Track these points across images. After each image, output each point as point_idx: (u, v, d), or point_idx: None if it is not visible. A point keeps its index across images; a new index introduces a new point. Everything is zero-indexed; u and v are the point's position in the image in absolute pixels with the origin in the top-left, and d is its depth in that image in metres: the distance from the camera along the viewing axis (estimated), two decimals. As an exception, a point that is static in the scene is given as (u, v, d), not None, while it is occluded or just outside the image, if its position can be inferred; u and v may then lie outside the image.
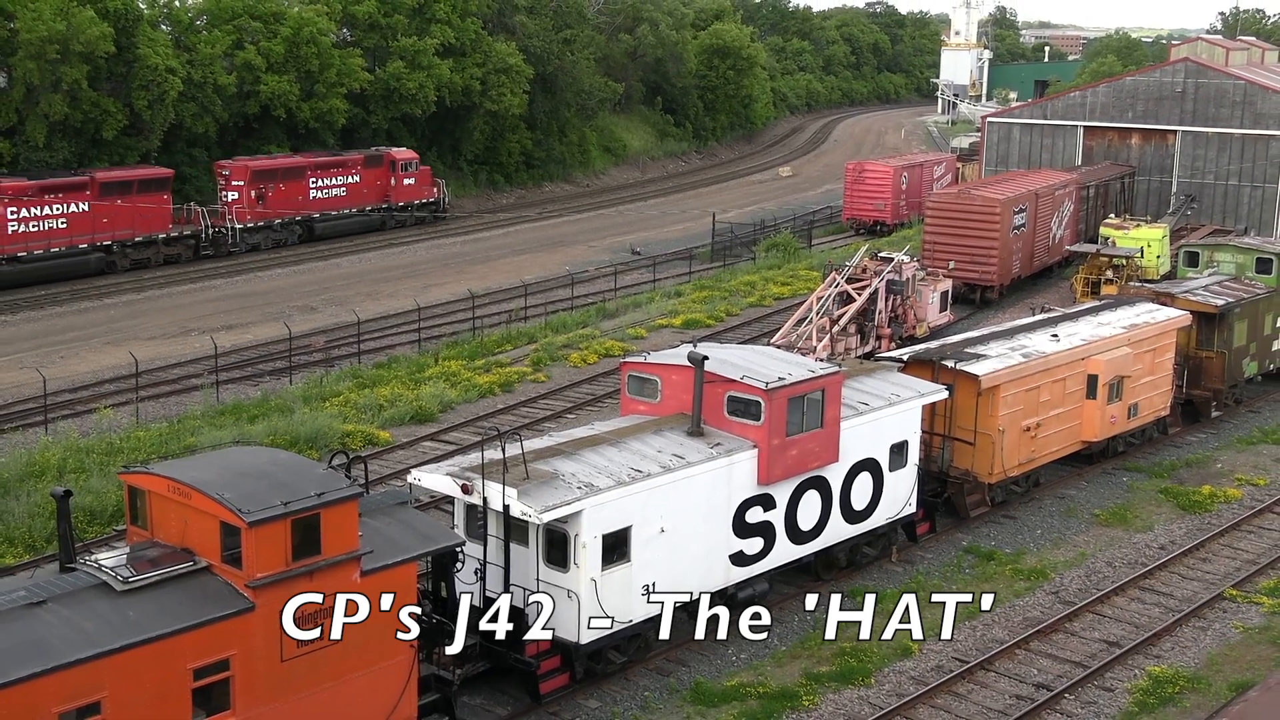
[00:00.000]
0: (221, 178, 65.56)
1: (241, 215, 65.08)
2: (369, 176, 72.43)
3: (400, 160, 74.27)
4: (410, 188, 74.93)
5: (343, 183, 70.82)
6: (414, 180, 75.13)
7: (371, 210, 72.81)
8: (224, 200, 65.33)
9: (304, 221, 68.71)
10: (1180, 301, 37.14)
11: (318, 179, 69.30)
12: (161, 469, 18.06)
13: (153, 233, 61.01)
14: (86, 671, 15.38)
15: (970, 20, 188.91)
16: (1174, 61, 69.21)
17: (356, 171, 71.63)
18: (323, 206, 69.72)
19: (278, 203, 66.75)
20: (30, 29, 59.17)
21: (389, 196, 73.79)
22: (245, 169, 65.23)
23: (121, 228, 59.34)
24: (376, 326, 49.65)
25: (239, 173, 65.06)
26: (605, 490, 21.39)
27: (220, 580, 16.90)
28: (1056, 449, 32.21)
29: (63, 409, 38.11)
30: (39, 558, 26.44)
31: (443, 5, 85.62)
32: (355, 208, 71.75)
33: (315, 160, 70.22)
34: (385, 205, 73.72)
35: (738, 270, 61.80)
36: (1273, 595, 26.98)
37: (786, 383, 23.81)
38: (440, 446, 34.69)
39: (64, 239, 57.12)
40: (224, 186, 65.39)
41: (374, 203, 73.00)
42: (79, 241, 57.79)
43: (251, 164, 66.01)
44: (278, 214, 66.83)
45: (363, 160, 72.35)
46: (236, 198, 65.05)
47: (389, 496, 20.38)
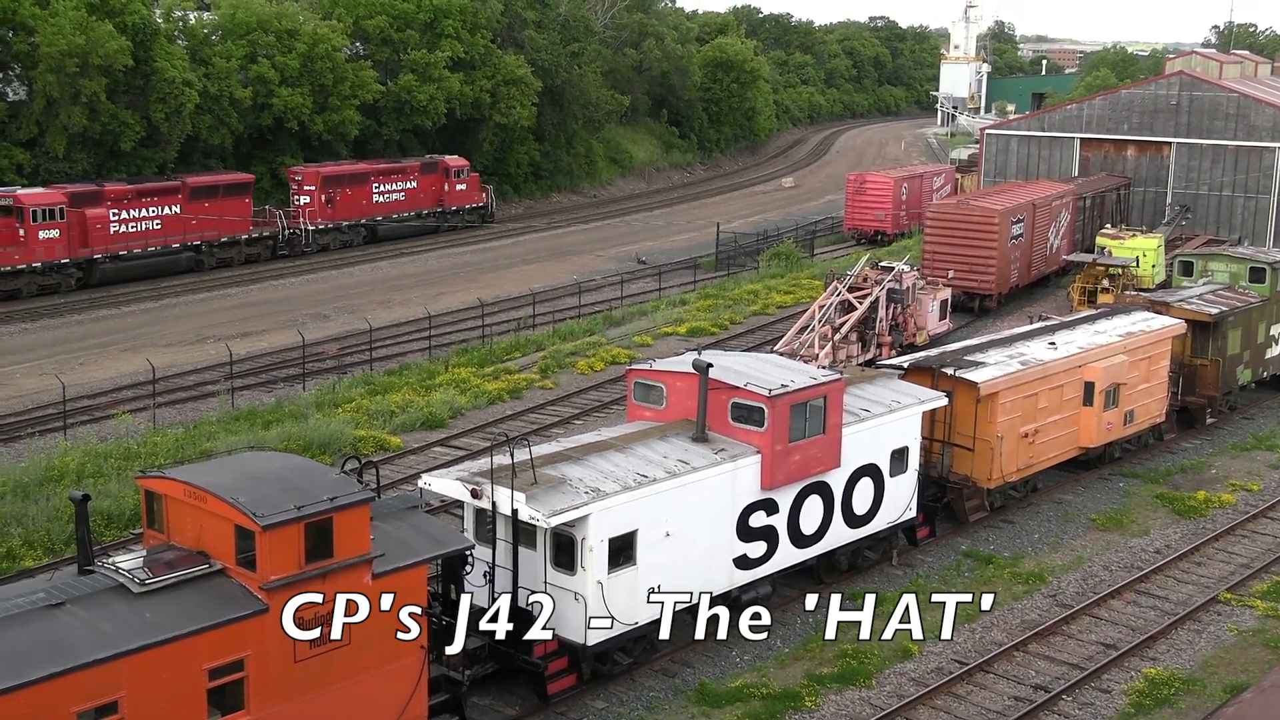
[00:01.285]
0: (294, 183, 68.89)
1: (313, 217, 68.36)
2: (425, 182, 75.64)
3: (453, 167, 77.60)
4: (462, 193, 78.14)
5: (401, 188, 74.01)
6: (465, 186, 78.40)
7: (427, 214, 75.85)
8: (296, 204, 68.51)
9: (368, 224, 71.92)
10: (1175, 310, 37.08)
11: (380, 184, 72.53)
12: (178, 474, 18.07)
13: (236, 234, 64.29)
14: (104, 672, 15.39)
15: (969, 34, 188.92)
16: (1169, 75, 69.19)
17: (414, 177, 74.80)
18: (384, 210, 72.94)
19: (344, 207, 70.20)
20: (51, 43, 59.35)
21: (443, 201, 76.88)
22: (316, 175, 68.77)
23: (209, 229, 62.71)
24: (388, 334, 49.69)
25: (310, 178, 68.59)
26: (612, 495, 21.39)
27: (235, 582, 16.91)
28: (1054, 455, 32.17)
29: (81, 415, 38.17)
30: (58, 560, 26.46)
31: (453, 20, 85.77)
32: (413, 211, 74.82)
33: (378, 167, 73.55)
34: (439, 209, 76.70)
35: (741, 279, 61.79)
36: (1266, 599, 26.92)
37: (789, 390, 23.81)
38: (450, 452, 34.69)
39: (159, 239, 60.50)
40: (296, 191, 68.73)
41: (429, 207, 76.12)
42: (172, 241, 61.15)
43: (322, 170, 69.65)
44: (342, 218, 70.52)
45: (419, 167, 75.50)
46: (308, 201, 68.44)
47: (400, 501, 20.39)
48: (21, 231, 54.91)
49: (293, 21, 75.75)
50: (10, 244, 54.83)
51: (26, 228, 54.95)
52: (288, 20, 75.48)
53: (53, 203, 55.85)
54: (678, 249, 73.50)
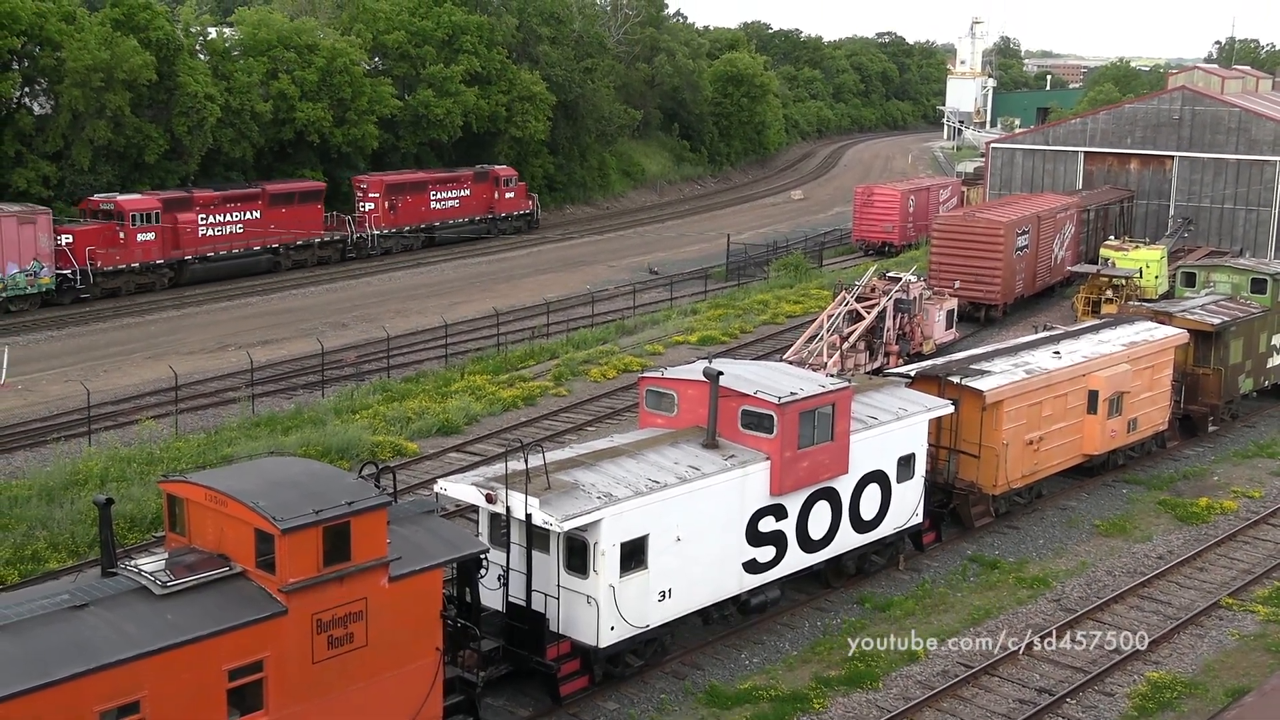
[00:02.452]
0: (360, 190, 72.09)
1: (377, 223, 71.73)
2: (477, 190, 79.02)
3: (503, 176, 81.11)
4: (510, 200, 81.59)
5: (456, 195, 77.55)
6: (513, 194, 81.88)
7: (479, 220, 79.21)
8: (361, 210, 71.61)
9: (427, 229, 74.98)
10: (1178, 320, 36.99)
11: (437, 192, 75.93)
12: (199, 478, 18.08)
13: (310, 237, 67.55)
14: (126, 672, 15.40)
15: (975, 50, 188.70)
16: (1171, 90, 69.04)
17: (467, 185, 78.28)
18: (440, 216, 76.25)
19: (405, 212, 73.42)
20: (76, 58, 59.58)
21: (493, 208, 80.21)
22: (380, 183, 72.23)
23: (285, 233, 65.96)
24: (405, 342, 49.75)
25: (375, 186, 72.07)
26: (624, 500, 21.37)
27: (254, 585, 16.93)
28: (1058, 462, 32.07)
29: (105, 420, 38.27)
30: (82, 563, 26.51)
31: (470, 36, 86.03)
32: (466, 218, 78.17)
33: (435, 176, 77.18)
34: (490, 215, 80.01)
35: (751, 289, 61.79)
36: (1268, 604, 26.80)
37: (798, 397, 23.78)
38: (466, 457, 34.70)
39: (242, 242, 63.90)
40: (361, 198, 71.89)
41: (481, 213, 79.41)
42: (253, 244, 64.47)
43: (386, 178, 73.12)
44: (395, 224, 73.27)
45: (472, 176, 78.96)
46: (373, 208, 71.75)
47: (416, 505, 20.39)
48: (122, 234, 58.12)
49: (312, 37, 76.00)
50: (112, 245, 57.88)
51: (126, 230, 58.17)
52: (307, 36, 75.73)
53: (149, 208, 59.09)
54: (689, 260, 73.52)
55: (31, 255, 54.57)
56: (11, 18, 58.94)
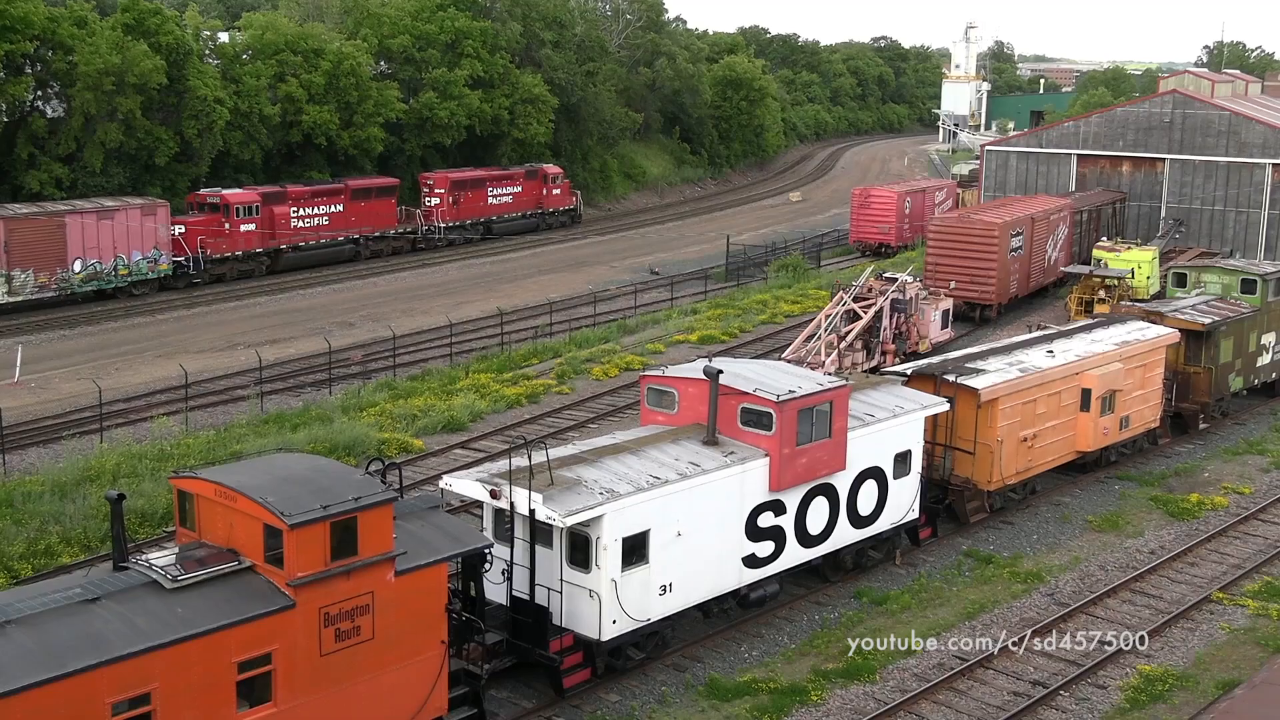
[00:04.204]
0: (426, 187, 75.78)
1: (443, 216, 75.43)
2: (528, 187, 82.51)
3: (550, 174, 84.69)
4: (557, 196, 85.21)
5: (510, 192, 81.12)
6: (560, 191, 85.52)
7: (530, 215, 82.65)
8: (427, 205, 75.31)
9: (485, 223, 78.56)
10: (1169, 320, 36.97)
11: (494, 188, 79.68)
12: (209, 474, 18.10)
13: (385, 229, 71.51)
14: (137, 664, 15.42)
15: (970, 54, 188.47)
16: (1162, 93, 68.92)
17: (520, 183, 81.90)
18: (496, 211, 79.88)
19: (466, 207, 77.21)
20: (88, 62, 59.56)
21: (541, 204, 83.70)
22: (446, 179, 76.16)
23: (365, 225, 70.11)
24: (411, 341, 49.72)
25: (441, 182, 75.84)
26: (625, 496, 21.36)
27: (263, 579, 16.93)
28: (1052, 459, 32.06)
29: (117, 417, 38.26)
30: (94, 557, 26.49)
31: (473, 40, 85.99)
32: (519, 213, 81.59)
33: (493, 173, 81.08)
34: (539, 210, 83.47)
35: (750, 289, 61.76)
36: (1258, 598, 26.79)
37: (797, 395, 23.77)
38: (470, 454, 34.70)
39: (328, 233, 67.97)
40: (428, 194, 75.50)
41: (530, 209, 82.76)
42: (337, 235, 68.48)
43: (450, 175, 77.15)
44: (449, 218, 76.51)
45: (524, 174, 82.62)
46: (439, 203, 75.31)
47: (422, 501, 20.40)
48: (226, 225, 62.06)
49: (318, 41, 76.00)
50: (219, 235, 61.87)
51: (230, 222, 62.16)
52: (313, 40, 75.72)
53: (250, 201, 63.31)
54: (689, 260, 73.48)
55: (152, 243, 58.53)
56: (25, 22, 58.90)
